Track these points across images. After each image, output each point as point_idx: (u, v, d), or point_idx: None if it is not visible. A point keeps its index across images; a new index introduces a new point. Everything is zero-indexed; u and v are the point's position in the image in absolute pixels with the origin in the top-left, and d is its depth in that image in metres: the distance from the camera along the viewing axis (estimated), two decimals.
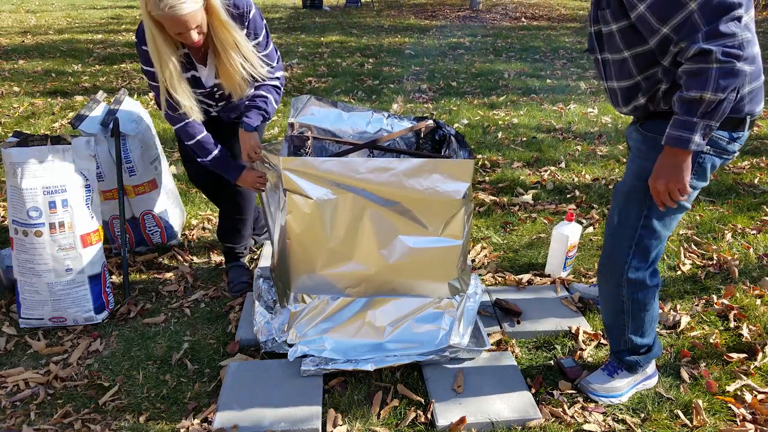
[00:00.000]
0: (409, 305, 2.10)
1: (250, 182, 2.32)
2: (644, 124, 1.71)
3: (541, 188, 3.72)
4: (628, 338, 1.93)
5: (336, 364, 2.04)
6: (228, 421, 1.86)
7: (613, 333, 1.97)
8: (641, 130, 1.72)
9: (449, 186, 1.90)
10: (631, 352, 1.96)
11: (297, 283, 2.04)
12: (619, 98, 1.74)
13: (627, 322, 1.90)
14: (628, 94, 1.69)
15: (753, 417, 1.92)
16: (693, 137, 1.46)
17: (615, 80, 1.71)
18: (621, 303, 1.87)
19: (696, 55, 1.40)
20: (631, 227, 1.76)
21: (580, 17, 12.26)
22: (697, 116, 1.44)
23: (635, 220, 1.75)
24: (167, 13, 1.89)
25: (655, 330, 1.95)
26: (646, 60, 1.59)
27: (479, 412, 1.90)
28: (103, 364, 2.16)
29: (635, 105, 1.69)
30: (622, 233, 1.78)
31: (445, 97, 5.91)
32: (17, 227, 2.21)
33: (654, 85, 1.61)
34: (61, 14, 11.74)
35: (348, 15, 12.39)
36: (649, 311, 1.88)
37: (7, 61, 7.21)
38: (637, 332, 1.92)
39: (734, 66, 1.38)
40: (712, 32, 1.38)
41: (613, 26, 1.60)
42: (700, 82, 1.40)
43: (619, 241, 1.80)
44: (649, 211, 1.72)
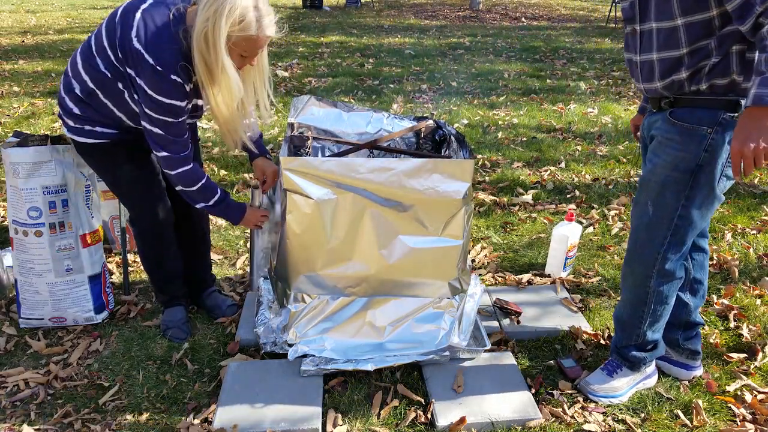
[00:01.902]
0: (409, 305, 2.10)
1: (254, 221, 2.16)
2: (674, 112, 1.66)
3: (541, 188, 3.72)
4: (642, 332, 1.91)
5: (336, 364, 2.04)
6: (228, 421, 1.86)
7: (626, 327, 1.95)
8: (673, 120, 1.66)
9: (449, 186, 1.90)
10: (640, 347, 1.95)
11: (297, 283, 2.04)
12: (655, 71, 1.65)
13: (646, 314, 1.88)
14: (669, 67, 1.61)
15: (753, 417, 1.92)
16: None
17: (656, 51, 1.62)
18: (645, 294, 1.85)
19: None
20: (667, 217, 1.72)
21: (580, 17, 12.26)
22: None
23: (672, 210, 1.71)
24: (264, 34, 1.74)
25: (662, 329, 1.95)
26: (699, 30, 1.52)
27: (479, 412, 1.90)
28: (103, 364, 2.16)
29: (673, 80, 1.62)
30: (658, 223, 1.75)
31: (445, 97, 5.91)
32: (17, 227, 2.21)
33: (701, 59, 1.55)
34: (61, 14, 11.75)
35: (348, 15, 12.39)
36: (668, 304, 1.88)
37: (7, 61, 7.21)
38: (652, 326, 1.90)
39: None
40: None
41: None
42: None
43: (655, 232, 1.76)
44: (688, 201, 1.69)
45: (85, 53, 1.87)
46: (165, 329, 2.31)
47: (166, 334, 2.29)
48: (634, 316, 1.91)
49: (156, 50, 1.71)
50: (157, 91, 1.74)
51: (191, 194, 1.97)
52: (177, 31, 1.74)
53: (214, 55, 1.71)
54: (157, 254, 2.24)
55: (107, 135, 1.98)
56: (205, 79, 1.76)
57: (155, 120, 1.81)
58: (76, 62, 1.89)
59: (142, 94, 1.77)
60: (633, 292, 1.89)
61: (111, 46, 1.78)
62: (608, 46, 8.80)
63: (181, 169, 1.90)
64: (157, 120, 1.80)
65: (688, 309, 2.02)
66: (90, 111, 1.93)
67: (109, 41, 1.79)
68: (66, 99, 1.94)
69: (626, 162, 4.17)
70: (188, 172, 1.92)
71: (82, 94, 1.90)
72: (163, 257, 2.25)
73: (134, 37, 1.73)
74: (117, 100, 1.89)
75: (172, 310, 2.34)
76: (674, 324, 2.04)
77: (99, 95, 1.88)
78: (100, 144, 2.00)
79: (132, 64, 1.75)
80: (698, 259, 2.00)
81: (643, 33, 1.65)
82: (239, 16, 1.68)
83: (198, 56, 1.73)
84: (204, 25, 1.68)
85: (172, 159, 1.88)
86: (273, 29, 1.77)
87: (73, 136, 1.99)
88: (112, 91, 1.86)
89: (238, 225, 2.16)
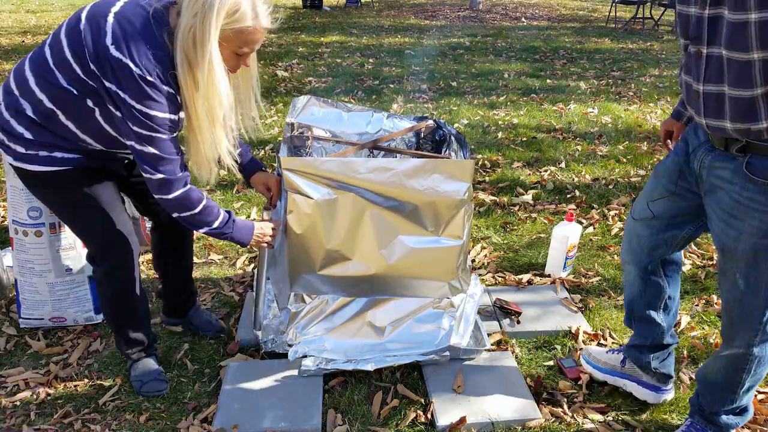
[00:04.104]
0: (409, 305, 2.10)
1: (265, 238, 1.91)
2: (753, 165, 1.37)
3: (541, 188, 3.72)
4: (738, 396, 1.69)
5: (336, 364, 2.04)
6: (228, 421, 1.86)
7: (717, 392, 1.71)
8: (751, 175, 1.37)
9: (449, 186, 1.90)
10: (732, 411, 1.73)
11: (297, 283, 2.04)
12: (726, 110, 1.35)
13: (744, 379, 1.65)
14: (743, 110, 1.32)
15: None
16: None
17: (727, 85, 1.33)
18: (746, 362, 1.62)
19: None
20: (765, 289, 1.48)
21: (580, 17, 12.26)
22: None
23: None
24: (261, 25, 1.56)
25: None
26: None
27: (479, 412, 1.90)
28: (103, 364, 2.16)
29: (750, 128, 1.33)
30: (753, 297, 1.51)
31: (445, 97, 5.91)
32: (17, 227, 2.21)
33: None
34: (61, 14, 11.74)
35: (348, 15, 12.39)
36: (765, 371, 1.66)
37: (7, 61, 7.21)
38: (750, 390, 1.69)
39: None
40: None
41: (753, 15, 1.20)
42: None
43: (751, 307, 1.53)
44: None
45: (39, 67, 1.58)
46: (141, 385, 2.00)
47: (143, 389, 1.99)
48: (730, 382, 1.67)
49: (141, 58, 1.48)
50: (147, 105, 1.51)
51: (192, 218, 1.71)
52: (161, 34, 1.53)
53: (202, 56, 1.50)
54: (127, 298, 1.92)
55: (68, 161, 1.69)
56: (188, 84, 1.54)
57: (146, 138, 1.56)
58: (25, 78, 1.60)
59: (128, 112, 1.52)
60: (730, 360, 1.65)
61: (77, 57, 1.52)
62: (608, 46, 8.80)
63: (179, 192, 1.65)
64: (149, 138, 1.56)
65: (661, 330, 1.89)
66: (46, 135, 1.64)
67: (74, 51, 1.52)
68: (12, 122, 1.63)
69: (626, 162, 4.17)
70: (187, 194, 1.67)
71: (37, 115, 1.61)
72: (134, 300, 1.94)
73: (110, 45, 1.47)
74: (83, 122, 1.63)
75: (145, 363, 2.04)
76: (645, 346, 1.92)
77: (59, 116, 1.61)
78: (60, 172, 1.69)
79: (112, 77, 1.50)
80: (673, 276, 1.86)
81: (714, 59, 1.34)
82: (233, 6, 1.49)
83: (182, 58, 1.51)
84: (191, 22, 1.48)
85: (169, 181, 1.63)
86: (269, 20, 1.58)
87: (23, 164, 1.67)
88: (77, 111, 1.60)
89: (248, 246, 1.91)
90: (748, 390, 1.68)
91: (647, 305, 1.86)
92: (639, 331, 1.92)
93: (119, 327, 1.99)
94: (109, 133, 1.67)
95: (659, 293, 1.84)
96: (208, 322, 2.31)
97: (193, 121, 1.60)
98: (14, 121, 1.63)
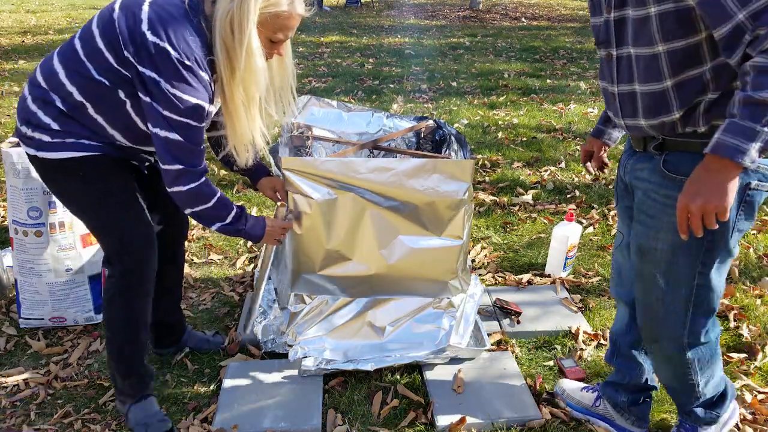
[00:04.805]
0: (409, 305, 2.10)
1: (276, 234, 1.87)
2: (669, 162, 1.37)
3: (541, 188, 3.72)
4: (702, 393, 1.66)
5: (336, 364, 2.04)
6: (228, 421, 1.86)
7: (679, 395, 1.70)
8: (666, 171, 1.37)
9: (449, 186, 1.90)
10: (706, 405, 1.69)
11: (297, 283, 2.04)
12: (639, 107, 1.38)
13: (698, 380, 1.62)
14: (655, 104, 1.34)
15: (753, 417, 1.92)
16: (751, 149, 1.13)
17: (638, 82, 1.35)
18: (687, 366, 1.59)
19: None
20: (685, 287, 1.46)
21: (580, 17, 12.26)
22: (762, 123, 1.12)
23: (689, 278, 1.44)
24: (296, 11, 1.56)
25: (721, 369, 1.67)
26: (683, 58, 1.27)
27: (479, 412, 1.90)
28: (103, 364, 2.16)
29: (663, 121, 1.35)
30: (675, 296, 1.48)
31: (445, 97, 5.91)
32: (17, 227, 2.21)
33: (695, 94, 1.29)
34: (61, 14, 11.74)
35: (348, 15, 12.39)
36: (717, 360, 1.62)
37: (7, 61, 7.21)
38: (709, 383, 1.65)
39: None
40: None
41: (652, 9, 1.25)
42: None
43: (673, 306, 1.49)
44: (705, 267, 1.43)
45: (69, 59, 1.57)
46: (144, 427, 1.81)
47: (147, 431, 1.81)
48: (686, 385, 1.65)
49: (180, 43, 1.47)
50: (182, 89, 1.50)
51: (205, 213, 1.67)
52: (198, 20, 1.52)
53: (240, 40, 1.50)
54: (138, 309, 1.78)
55: (97, 147, 1.65)
56: (226, 70, 1.54)
57: (175, 124, 1.52)
58: (55, 71, 1.58)
59: (161, 95, 1.50)
60: (671, 367, 1.62)
61: (110, 46, 1.51)
62: None
63: (194, 184, 1.61)
64: (178, 124, 1.53)
65: (641, 370, 1.79)
66: (74, 126, 1.61)
67: (107, 40, 1.52)
68: (39, 113, 1.60)
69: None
70: (202, 187, 1.63)
71: (66, 107, 1.59)
72: (143, 316, 1.80)
73: (147, 31, 1.47)
74: (113, 115, 1.61)
75: (146, 404, 1.85)
76: (622, 385, 1.81)
77: (88, 110, 1.59)
78: (88, 158, 1.64)
79: (149, 62, 1.48)
80: None
81: (623, 59, 1.38)
82: None
83: (220, 44, 1.51)
84: (229, 7, 1.47)
85: (188, 172, 1.59)
86: (304, 7, 1.58)
87: (48, 153, 1.62)
88: (108, 103, 1.58)
89: (259, 242, 1.85)
90: (707, 383, 1.64)
91: (631, 344, 1.77)
92: (619, 368, 1.82)
93: (120, 351, 1.80)
94: (138, 128, 1.65)
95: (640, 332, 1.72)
96: (206, 340, 2.23)
97: (229, 105, 1.60)
98: (42, 112, 1.60)
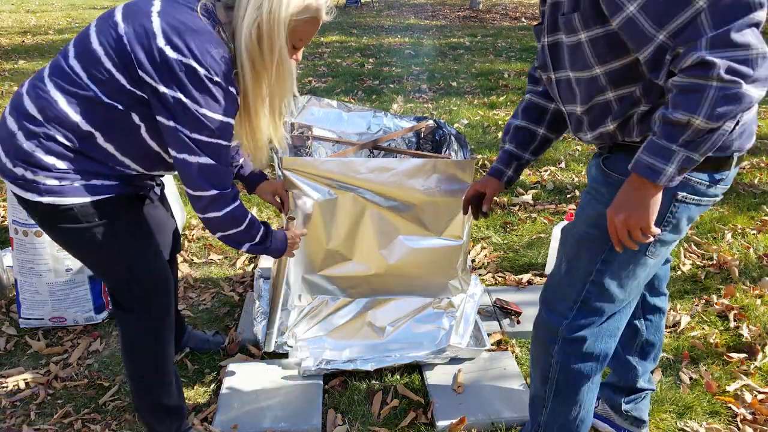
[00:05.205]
0: (409, 305, 2.10)
1: (295, 247, 1.78)
2: (607, 159, 1.38)
3: (541, 188, 3.72)
4: (541, 424, 1.55)
5: (336, 364, 2.04)
6: (228, 421, 1.86)
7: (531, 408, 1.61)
8: (603, 168, 1.38)
9: (449, 186, 1.90)
10: None
11: (297, 283, 2.04)
12: (584, 124, 1.38)
13: (548, 397, 1.52)
14: (596, 118, 1.35)
15: (753, 417, 1.92)
16: (667, 169, 1.13)
17: (579, 103, 1.36)
18: (548, 366, 1.51)
19: (693, 67, 1.07)
20: (579, 281, 1.42)
21: None
22: (678, 143, 1.11)
23: (585, 273, 1.40)
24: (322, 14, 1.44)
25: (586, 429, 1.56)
26: (622, 75, 1.26)
27: (479, 412, 1.90)
28: (103, 364, 2.16)
29: (601, 132, 1.35)
30: (569, 284, 1.44)
31: (445, 97, 5.91)
32: (17, 227, 2.21)
33: (629, 107, 1.29)
34: (61, 14, 11.75)
35: (348, 15, 12.39)
36: (578, 403, 1.50)
37: (7, 61, 7.21)
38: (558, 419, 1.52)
39: (739, 88, 1.05)
40: (719, 39, 1.05)
41: (583, 35, 1.25)
42: (692, 101, 1.08)
43: (563, 292, 1.46)
44: (603, 266, 1.38)
45: (68, 84, 1.36)
46: None
47: None
48: (539, 395, 1.56)
49: (205, 57, 1.32)
50: (211, 107, 1.35)
51: (237, 236, 1.54)
52: (218, 31, 1.37)
53: (270, 50, 1.37)
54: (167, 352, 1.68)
55: (109, 188, 1.45)
56: (252, 84, 1.42)
57: (206, 146, 1.38)
58: (52, 100, 1.36)
59: (189, 117, 1.34)
60: (538, 361, 1.54)
61: (122, 66, 1.33)
62: None
63: (230, 208, 1.48)
64: (209, 146, 1.38)
65: (635, 373, 1.76)
66: (82, 162, 1.40)
67: (116, 61, 1.33)
68: (38, 153, 1.37)
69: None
70: (236, 210, 1.50)
71: (71, 141, 1.38)
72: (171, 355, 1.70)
73: (165, 46, 1.30)
74: (126, 140, 1.42)
75: None
76: (618, 387, 1.80)
77: (98, 139, 1.39)
78: (100, 201, 1.44)
79: (171, 80, 1.31)
80: (654, 320, 1.73)
81: (563, 82, 1.37)
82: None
83: (246, 56, 1.37)
84: (255, 15, 1.34)
85: (222, 197, 1.45)
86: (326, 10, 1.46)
87: (56, 198, 1.39)
88: (120, 129, 1.40)
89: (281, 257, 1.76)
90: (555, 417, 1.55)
91: (622, 346, 1.74)
92: (614, 370, 1.81)
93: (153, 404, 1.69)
94: (153, 152, 1.47)
95: (634, 335, 1.73)
96: (206, 340, 2.22)
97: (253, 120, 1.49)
98: (41, 150, 1.37)
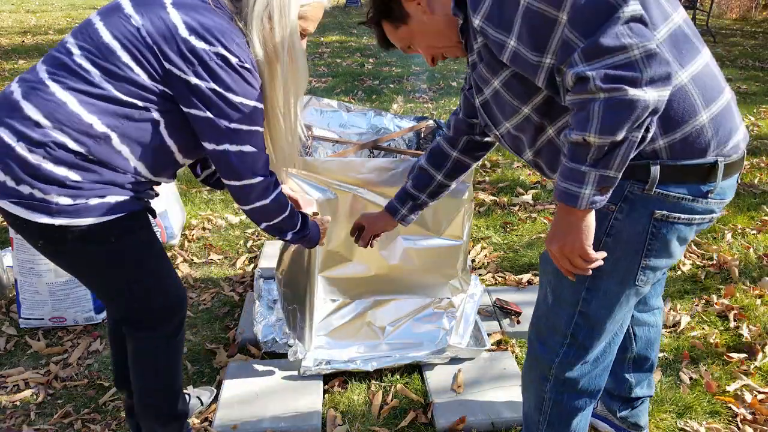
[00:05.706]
0: (409, 305, 2.10)
1: (324, 235, 1.73)
2: None
3: (541, 188, 3.72)
4: None
5: (336, 364, 2.04)
6: (228, 421, 1.86)
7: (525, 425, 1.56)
8: None
9: None
10: None
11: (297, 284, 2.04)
12: (545, 169, 1.33)
13: (541, 427, 1.47)
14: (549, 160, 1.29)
15: (753, 417, 1.92)
16: (582, 191, 1.05)
17: (528, 149, 1.31)
18: (541, 399, 1.44)
19: (575, 84, 1.02)
20: (566, 313, 1.33)
21: None
22: (586, 164, 1.03)
23: (570, 305, 1.32)
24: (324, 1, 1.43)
25: None
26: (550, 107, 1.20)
27: (479, 412, 1.90)
28: (103, 364, 2.16)
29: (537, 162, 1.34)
30: (557, 317, 1.35)
31: (445, 97, 5.91)
32: None
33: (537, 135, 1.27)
34: (61, 14, 11.74)
35: (348, 15, 12.39)
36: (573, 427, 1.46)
37: (7, 61, 7.21)
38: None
39: (624, 95, 0.97)
40: (590, 50, 0.98)
41: (495, 82, 1.23)
42: (581, 120, 1.01)
43: (552, 324, 1.37)
44: (589, 295, 1.29)
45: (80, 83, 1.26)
46: None
47: None
48: (531, 419, 1.51)
49: (232, 45, 1.28)
50: (247, 95, 1.31)
51: (281, 223, 1.50)
52: (231, 19, 1.34)
53: (282, 38, 1.34)
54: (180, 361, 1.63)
55: (123, 205, 1.34)
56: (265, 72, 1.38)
57: (246, 135, 1.33)
58: (59, 102, 1.24)
59: (225, 106, 1.29)
60: (530, 390, 1.48)
61: (143, 60, 1.26)
62: None
63: (275, 193, 1.44)
64: (248, 134, 1.34)
65: (628, 385, 1.72)
66: (95, 172, 1.30)
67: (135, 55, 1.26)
68: (45, 166, 1.24)
69: None
70: (281, 195, 1.46)
71: (85, 146, 1.26)
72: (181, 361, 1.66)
73: (190, 36, 1.25)
74: (141, 140, 1.32)
75: None
76: (613, 395, 1.76)
77: (112, 141, 1.29)
78: (115, 221, 1.34)
79: (205, 71, 1.26)
80: (643, 336, 1.68)
81: (504, 136, 1.34)
82: None
83: (260, 44, 1.34)
84: (266, 2, 1.32)
85: (268, 183, 1.41)
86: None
87: (69, 219, 1.28)
88: (138, 127, 1.30)
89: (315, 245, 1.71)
90: None
91: (617, 362, 1.67)
92: (609, 379, 1.73)
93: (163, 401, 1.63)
94: (166, 152, 1.38)
95: (623, 351, 1.67)
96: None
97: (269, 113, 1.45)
98: (50, 161, 1.25)
